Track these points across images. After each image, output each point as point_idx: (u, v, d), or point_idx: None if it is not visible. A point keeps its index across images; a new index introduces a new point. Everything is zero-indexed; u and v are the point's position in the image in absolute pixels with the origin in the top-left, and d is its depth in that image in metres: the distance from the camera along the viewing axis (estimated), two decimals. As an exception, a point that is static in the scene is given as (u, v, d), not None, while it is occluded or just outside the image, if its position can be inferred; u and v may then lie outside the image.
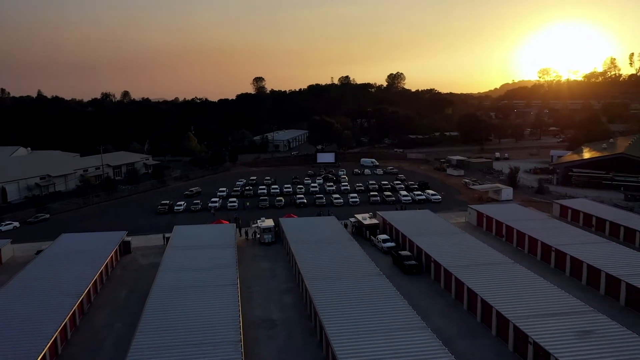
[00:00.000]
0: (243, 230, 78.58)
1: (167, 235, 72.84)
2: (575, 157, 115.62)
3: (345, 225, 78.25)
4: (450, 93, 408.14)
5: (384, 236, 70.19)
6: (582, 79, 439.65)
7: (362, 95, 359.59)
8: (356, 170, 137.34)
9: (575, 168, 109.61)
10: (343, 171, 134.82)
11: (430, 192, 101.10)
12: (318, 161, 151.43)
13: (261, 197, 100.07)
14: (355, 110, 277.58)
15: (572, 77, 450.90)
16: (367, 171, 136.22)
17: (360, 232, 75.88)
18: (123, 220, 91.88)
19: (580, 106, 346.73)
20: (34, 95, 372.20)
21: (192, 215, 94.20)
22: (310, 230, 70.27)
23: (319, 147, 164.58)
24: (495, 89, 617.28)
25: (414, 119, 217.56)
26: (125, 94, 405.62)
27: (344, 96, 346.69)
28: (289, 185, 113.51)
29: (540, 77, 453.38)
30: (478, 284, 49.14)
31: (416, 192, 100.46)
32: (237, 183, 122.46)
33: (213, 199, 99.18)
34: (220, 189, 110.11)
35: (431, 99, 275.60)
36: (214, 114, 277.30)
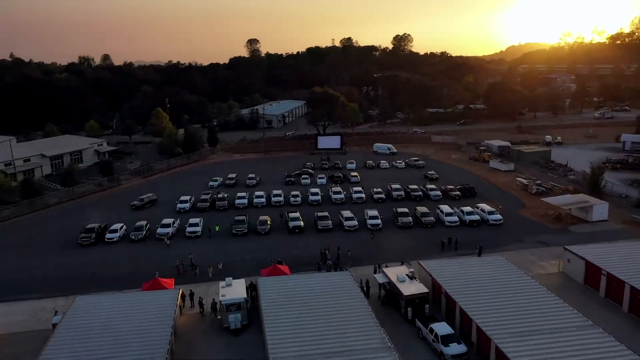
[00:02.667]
0: (197, 297, 46.99)
1: (56, 319, 41.62)
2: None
3: (366, 286, 46.86)
4: (461, 57, 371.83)
5: (444, 328, 38.51)
6: (607, 41, 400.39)
7: (366, 59, 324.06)
8: (369, 162, 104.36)
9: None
10: (352, 164, 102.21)
11: (486, 207, 68.86)
12: (319, 147, 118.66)
13: (237, 218, 67.49)
14: (360, 77, 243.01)
15: (597, 39, 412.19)
16: (383, 163, 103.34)
17: (394, 303, 44.53)
18: (22, 259, 60.14)
19: (610, 71, 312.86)
20: (8, 58, 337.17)
21: (131, 248, 62.52)
22: (308, 310, 39.31)
23: (322, 123, 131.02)
24: (501, 51, 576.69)
25: (433, 88, 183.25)
26: (106, 57, 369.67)
27: (347, 60, 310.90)
28: (280, 191, 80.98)
29: (561, 39, 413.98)
30: None
31: (465, 210, 68.07)
32: (210, 184, 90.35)
33: (165, 221, 66.67)
34: (182, 199, 77.70)
35: (447, 64, 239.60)
36: (200, 81, 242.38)
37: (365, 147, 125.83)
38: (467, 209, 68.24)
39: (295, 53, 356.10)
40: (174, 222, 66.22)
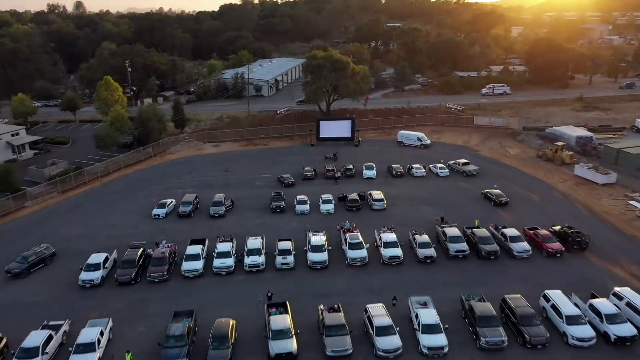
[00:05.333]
0: None
1: None
2: None
3: None
4: (476, 3, 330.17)
5: None
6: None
7: (371, 6, 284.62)
8: (395, 166, 70.08)
9: None
10: (372, 170, 69.39)
11: (636, 297, 37.08)
12: (322, 135, 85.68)
13: (171, 332, 34.60)
14: (367, 28, 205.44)
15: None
16: (417, 169, 69.01)
17: None
18: None
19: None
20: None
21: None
22: None
23: (325, 98, 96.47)
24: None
25: (462, 45, 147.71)
26: (78, 4, 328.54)
27: (350, 8, 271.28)
28: (258, 242, 48.11)
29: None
30: None
31: (604, 309, 35.62)
32: (155, 213, 58.08)
33: (32, 340, 33.85)
34: (91, 260, 44.79)
35: (472, 13, 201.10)
36: (180, 34, 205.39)
37: (384, 133, 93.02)
38: (606, 305, 36.31)
39: (292, 0, 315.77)
40: (49, 339, 34.44)
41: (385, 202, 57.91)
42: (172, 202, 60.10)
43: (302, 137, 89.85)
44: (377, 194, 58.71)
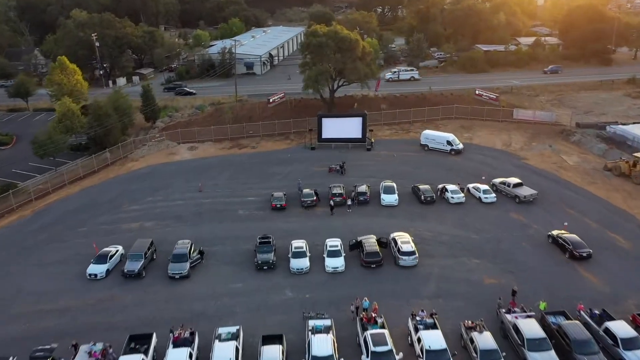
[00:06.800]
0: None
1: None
2: None
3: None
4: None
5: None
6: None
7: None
8: (424, 188, 51.47)
9: None
10: (392, 194, 51.31)
11: None
12: (325, 136, 67.76)
13: None
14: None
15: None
16: (452, 193, 50.86)
17: None
18: None
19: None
20: None
21: None
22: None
23: (328, 85, 76.95)
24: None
25: (483, 13, 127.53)
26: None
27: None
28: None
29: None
30: None
31: None
32: (90, 272, 40.78)
33: None
34: None
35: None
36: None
37: (401, 130, 74.97)
38: None
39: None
40: None
41: (417, 255, 40.73)
42: (117, 251, 42.97)
43: (300, 135, 71.97)
44: (406, 244, 41.18)
